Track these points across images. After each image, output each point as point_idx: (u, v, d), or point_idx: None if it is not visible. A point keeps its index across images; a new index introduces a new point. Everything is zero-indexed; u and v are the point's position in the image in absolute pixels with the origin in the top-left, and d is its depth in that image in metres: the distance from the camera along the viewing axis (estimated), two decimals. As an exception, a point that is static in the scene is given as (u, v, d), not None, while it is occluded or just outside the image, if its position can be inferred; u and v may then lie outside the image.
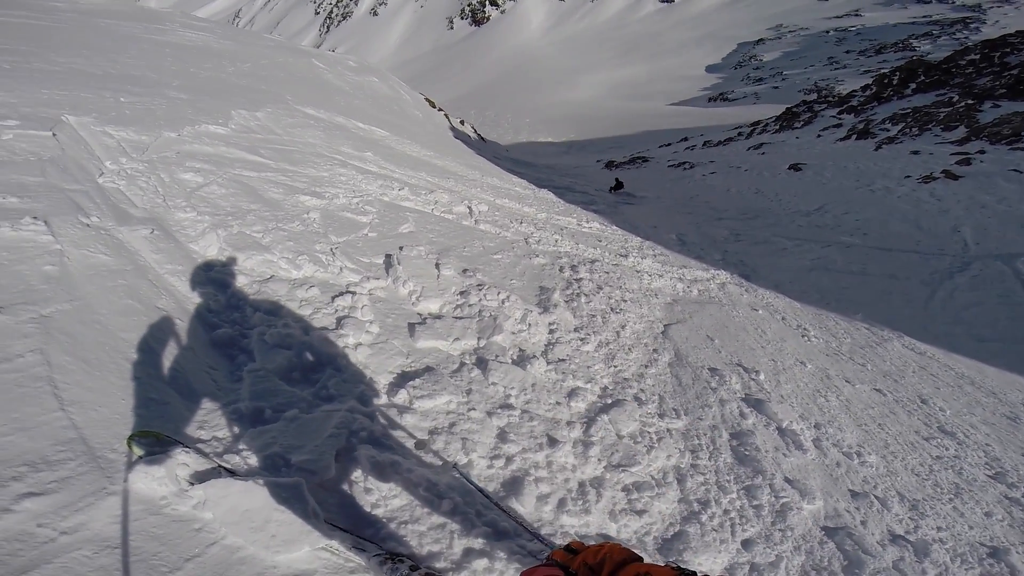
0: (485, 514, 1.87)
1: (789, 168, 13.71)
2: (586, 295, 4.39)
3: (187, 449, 1.66)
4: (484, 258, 4.45)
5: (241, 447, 1.82)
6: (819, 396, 3.72)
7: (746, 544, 2.19)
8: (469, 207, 5.76)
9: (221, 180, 3.83)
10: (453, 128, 18.64)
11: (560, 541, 1.94)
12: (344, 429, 1.99)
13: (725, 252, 8.27)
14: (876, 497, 2.70)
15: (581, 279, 4.78)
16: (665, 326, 4.39)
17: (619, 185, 13.58)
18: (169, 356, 2.08)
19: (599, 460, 2.45)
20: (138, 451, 1.61)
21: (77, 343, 1.89)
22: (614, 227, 8.09)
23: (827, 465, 2.90)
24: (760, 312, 5.47)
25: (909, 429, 3.49)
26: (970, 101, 14.10)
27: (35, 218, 2.46)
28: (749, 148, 18.61)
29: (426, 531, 1.77)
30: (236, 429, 1.90)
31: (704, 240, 8.94)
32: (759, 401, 3.38)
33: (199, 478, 1.59)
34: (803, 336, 5.02)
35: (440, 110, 20.50)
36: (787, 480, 2.66)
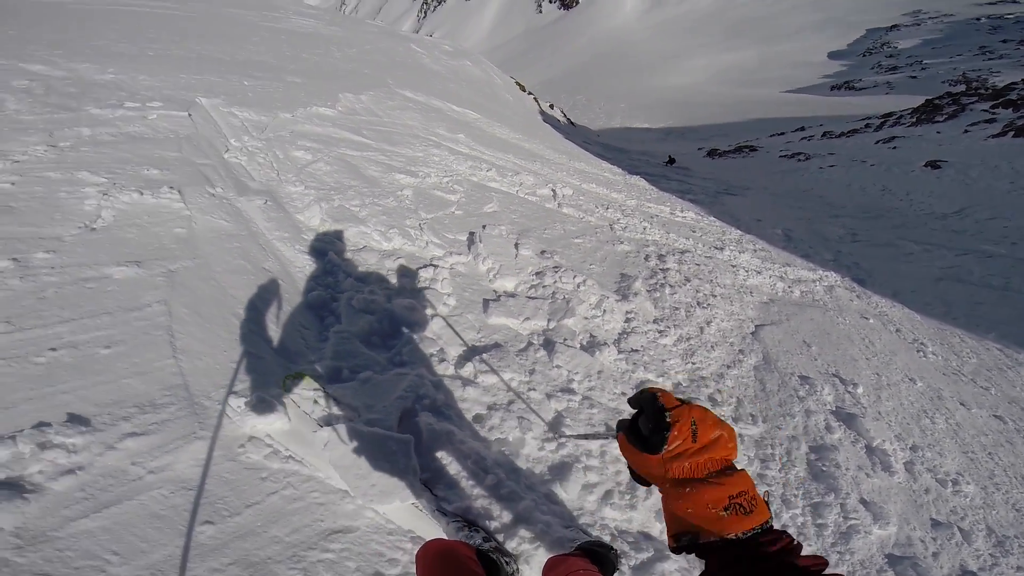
0: (525, 496, 1.86)
1: (925, 165, 12.20)
2: (671, 286, 4.18)
3: (324, 393, 1.86)
4: (564, 241, 4.41)
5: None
6: (924, 417, 3.28)
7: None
8: (553, 190, 5.71)
9: (327, 158, 4.16)
10: (542, 112, 18.54)
11: (597, 533, 1.88)
12: (412, 392, 2.09)
13: (838, 253, 7.45)
14: (960, 529, 2.38)
15: (668, 269, 4.56)
16: (757, 327, 4.06)
17: (671, 160, 12.80)
18: (269, 313, 2.28)
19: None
20: (289, 387, 1.82)
21: (195, 297, 2.15)
22: (711, 218, 7.60)
23: (914, 491, 2.57)
24: (871, 321, 4.87)
25: (1024, 461, 2.97)
26: None
27: (171, 188, 2.87)
28: (878, 141, 16.72)
29: (469, 502, 1.80)
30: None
31: (814, 238, 8.11)
32: (851, 416, 3.04)
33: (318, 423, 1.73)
34: (919, 351, 4.42)
35: (530, 94, 20.47)
36: (862, 501, 2.38)
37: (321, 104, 5.32)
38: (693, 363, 3.17)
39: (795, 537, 0.72)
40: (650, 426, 0.73)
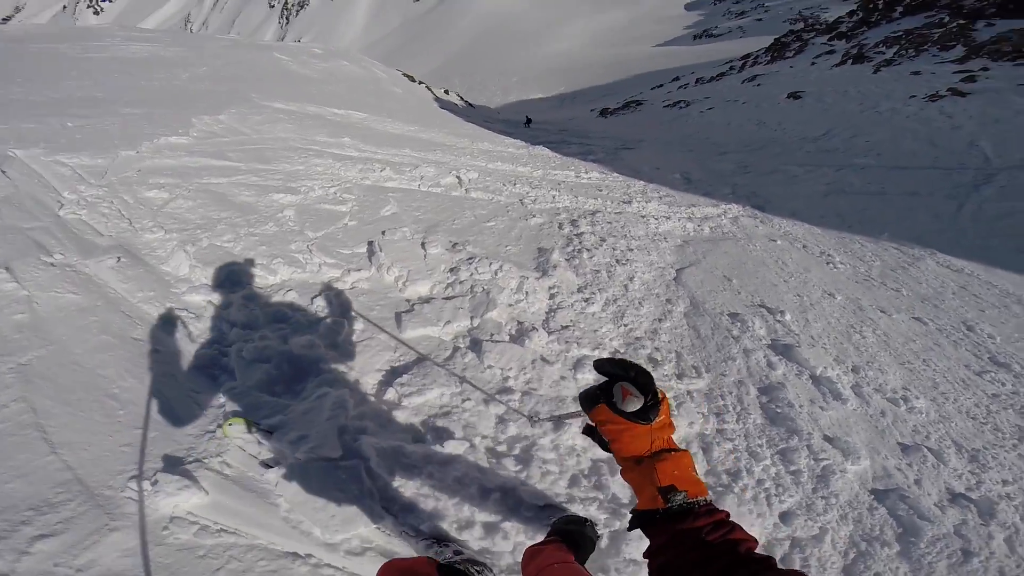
0: (493, 489, 1.82)
1: (788, 97, 13.38)
2: (588, 250, 4.13)
3: (268, 432, 1.84)
4: (475, 228, 4.22)
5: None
6: (853, 332, 3.37)
7: (785, 517, 1.93)
8: (458, 176, 5.48)
9: (188, 192, 3.64)
10: (438, 99, 18.04)
11: (575, 508, 1.82)
12: (340, 410, 1.94)
13: (735, 185, 7.88)
14: (929, 449, 2.33)
15: (582, 233, 4.51)
16: (677, 271, 4.13)
17: (528, 121, 13.89)
18: (152, 387, 2.00)
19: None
20: (233, 433, 1.80)
21: (58, 387, 1.87)
22: (615, 174, 7.71)
23: (870, 416, 2.54)
24: (779, 243, 5.14)
25: (957, 363, 3.09)
26: (962, 21, 13.96)
27: None
28: (743, 81, 18.16)
29: (441, 509, 1.75)
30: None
31: (710, 176, 8.52)
32: (787, 347, 3.07)
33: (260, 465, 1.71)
34: (828, 263, 4.68)
35: (421, 83, 19.83)
36: (827, 439, 2.34)
37: (171, 133, 4.66)
38: (625, 325, 3.12)
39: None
40: (644, 396, 0.78)
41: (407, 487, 1.78)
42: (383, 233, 3.63)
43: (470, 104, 23.25)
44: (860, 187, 7.40)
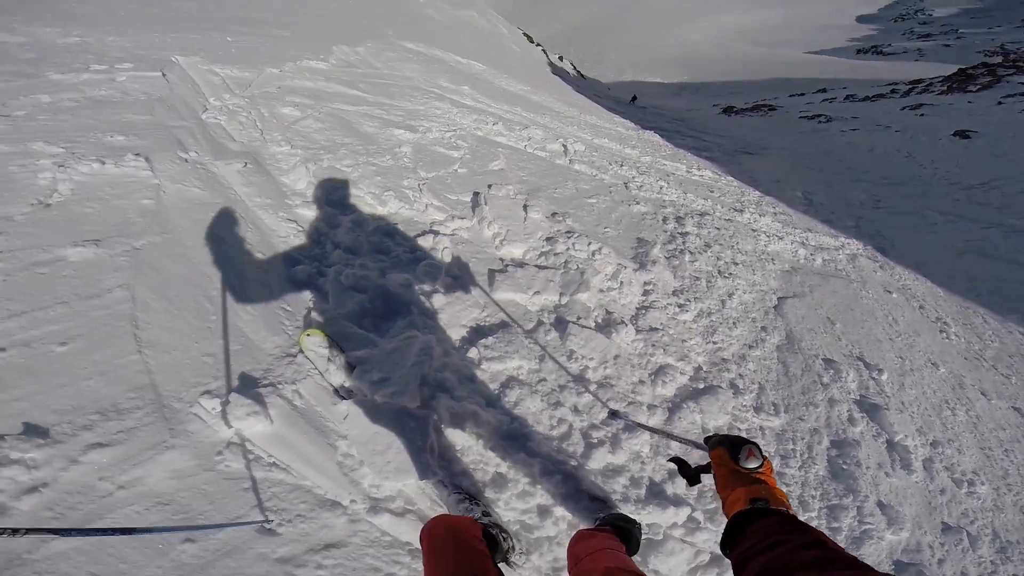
0: (555, 472, 1.80)
1: (954, 134, 11.61)
2: (691, 253, 3.89)
3: (343, 354, 1.84)
4: (576, 201, 4.10)
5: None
6: (946, 408, 3.11)
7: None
8: (564, 145, 5.34)
9: (318, 114, 3.81)
10: (551, 64, 17.64)
11: (626, 510, 1.80)
12: (426, 357, 1.94)
13: (859, 219, 7.10)
14: (968, 534, 2.29)
15: (687, 233, 4.26)
16: (779, 299, 3.80)
17: (634, 98, 13.40)
18: (247, 293, 2.04)
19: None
20: (309, 345, 1.79)
21: (163, 278, 1.93)
22: (729, 177, 7.21)
23: (930, 491, 2.45)
24: (894, 296, 4.61)
25: (1039, 461, 2.86)
26: None
27: (137, 155, 2.58)
28: (904, 108, 15.91)
29: (498, 479, 1.74)
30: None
31: (836, 202, 7.71)
32: (875, 407, 2.86)
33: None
34: (942, 332, 4.19)
35: (538, 45, 19.46)
36: (880, 504, 2.26)
37: (313, 58, 4.90)
38: (714, 343, 2.93)
39: None
40: (749, 465, 0.95)
41: (470, 452, 1.77)
42: (489, 187, 3.62)
43: (582, 75, 22.51)
44: (1005, 253, 6.42)
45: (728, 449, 0.98)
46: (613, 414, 2.13)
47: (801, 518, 2.08)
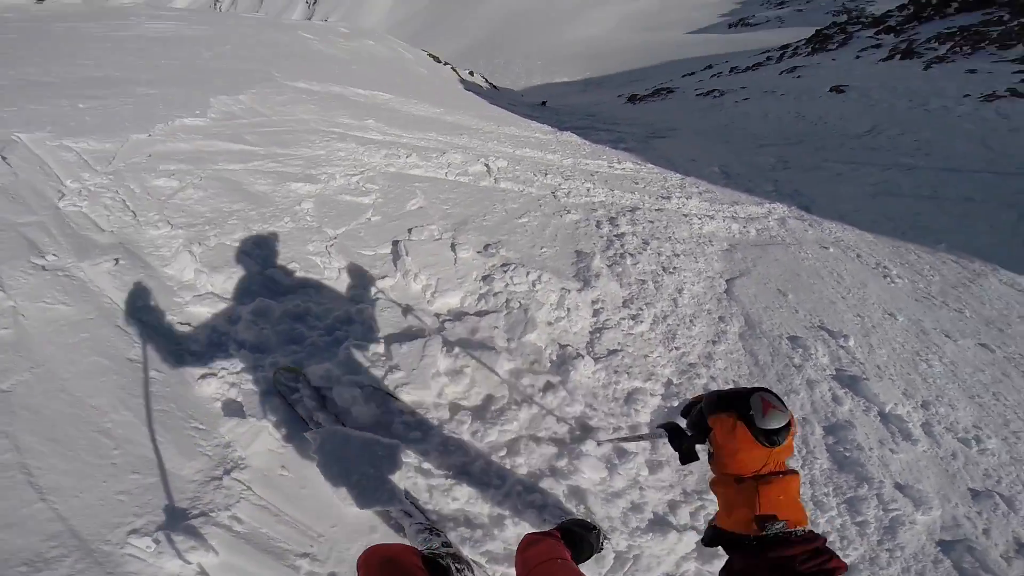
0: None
1: (831, 90, 12.70)
2: (631, 255, 3.76)
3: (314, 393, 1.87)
4: (508, 225, 3.88)
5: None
6: (920, 361, 3.07)
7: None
8: (487, 164, 5.13)
9: (199, 180, 3.36)
10: (463, 80, 17.54)
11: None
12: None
13: (776, 182, 7.39)
14: (1001, 496, 2.17)
15: (623, 234, 4.14)
16: (727, 282, 3.75)
17: (544, 103, 14.65)
18: (149, 419, 1.76)
19: (670, 487, 2.00)
20: (282, 381, 1.85)
21: (44, 419, 1.66)
22: (649, 165, 7.26)
23: (942, 458, 2.35)
24: (831, 250, 4.71)
25: (1028, 397, 2.85)
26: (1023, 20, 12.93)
27: None
28: (782, 72, 17.17)
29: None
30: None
31: (750, 170, 8.01)
32: (853, 378, 2.79)
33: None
34: (885, 277, 4.27)
35: (446, 64, 19.32)
36: (898, 486, 2.16)
37: (187, 115, 4.37)
38: (677, 348, 2.78)
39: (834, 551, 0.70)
40: (773, 423, 0.72)
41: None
42: (409, 231, 3.31)
43: (494, 86, 22.63)
44: (910, 189, 6.86)
45: (736, 410, 0.75)
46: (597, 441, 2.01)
47: (821, 520, 1.98)
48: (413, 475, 1.79)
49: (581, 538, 1.50)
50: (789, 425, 0.74)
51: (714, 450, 0.80)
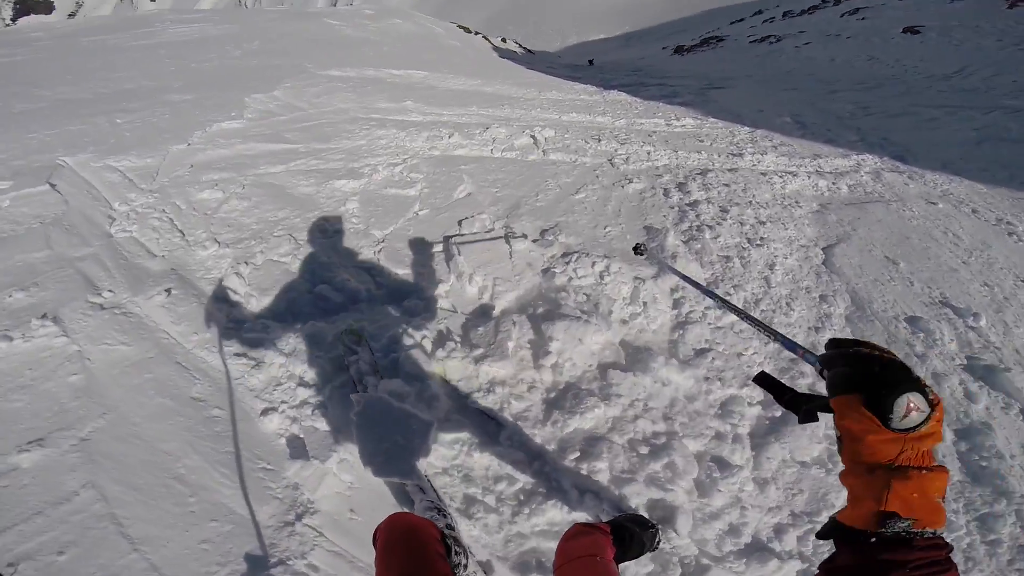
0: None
1: (904, 31, 11.77)
2: (709, 227, 3.34)
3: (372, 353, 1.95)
4: (564, 203, 3.55)
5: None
6: None
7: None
8: (533, 136, 4.76)
9: (243, 188, 3.24)
10: (496, 48, 16.91)
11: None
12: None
13: (859, 130, 6.54)
14: None
15: (696, 202, 3.70)
16: (824, 251, 3.27)
17: (591, 61, 13.94)
18: (217, 462, 1.72)
19: (778, 509, 1.74)
20: (346, 343, 1.97)
21: (124, 467, 1.66)
22: (711, 119, 6.59)
23: None
24: (940, 206, 4.04)
25: None
26: None
27: (43, 316, 2.11)
28: (843, 14, 15.95)
29: None
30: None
31: (827, 119, 7.13)
32: (989, 368, 2.33)
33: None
34: (1011, 234, 3.62)
35: (477, 33, 18.67)
36: None
37: (224, 118, 4.28)
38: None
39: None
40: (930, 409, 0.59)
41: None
42: (459, 224, 3.05)
43: (529, 51, 21.74)
44: (1021, 134, 5.85)
45: (867, 397, 0.60)
46: (637, 249, 1.87)
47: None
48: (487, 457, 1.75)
49: (632, 535, 1.42)
50: (930, 415, 0.59)
51: (844, 436, 0.66)
